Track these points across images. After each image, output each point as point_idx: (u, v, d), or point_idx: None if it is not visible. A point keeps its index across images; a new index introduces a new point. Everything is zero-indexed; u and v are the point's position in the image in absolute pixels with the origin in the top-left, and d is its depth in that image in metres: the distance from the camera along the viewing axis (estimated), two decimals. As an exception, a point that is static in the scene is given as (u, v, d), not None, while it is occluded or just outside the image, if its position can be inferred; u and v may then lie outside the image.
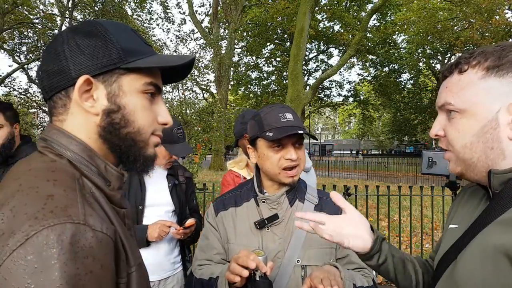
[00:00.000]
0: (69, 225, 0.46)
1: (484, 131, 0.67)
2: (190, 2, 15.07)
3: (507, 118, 0.66)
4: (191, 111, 12.14)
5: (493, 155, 0.68)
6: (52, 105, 0.63)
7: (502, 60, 0.66)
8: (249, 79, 24.15)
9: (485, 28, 13.63)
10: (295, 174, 1.15)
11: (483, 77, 0.68)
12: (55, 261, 0.43)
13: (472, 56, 0.70)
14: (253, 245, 1.15)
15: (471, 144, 0.69)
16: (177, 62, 0.64)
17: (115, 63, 0.61)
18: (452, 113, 0.72)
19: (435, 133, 0.76)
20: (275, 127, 1.12)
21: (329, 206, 1.20)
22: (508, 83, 0.66)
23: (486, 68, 0.68)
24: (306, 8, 8.64)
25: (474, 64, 0.69)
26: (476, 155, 0.69)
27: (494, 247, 0.62)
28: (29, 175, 0.54)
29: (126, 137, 0.64)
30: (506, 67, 0.66)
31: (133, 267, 0.59)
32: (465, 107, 0.69)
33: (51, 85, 0.62)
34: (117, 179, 0.65)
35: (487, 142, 0.68)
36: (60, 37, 0.63)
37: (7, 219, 0.46)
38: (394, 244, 5.10)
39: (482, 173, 0.70)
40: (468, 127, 0.69)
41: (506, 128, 0.66)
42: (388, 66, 25.29)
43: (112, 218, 0.58)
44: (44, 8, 14.40)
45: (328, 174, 18.17)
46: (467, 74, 0.70)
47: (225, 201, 1.28)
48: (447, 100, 0.72)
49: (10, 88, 15.89)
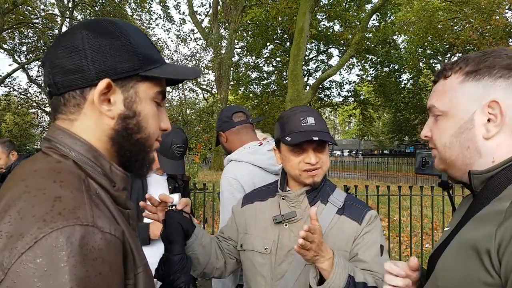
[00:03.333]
0: (78, 227, 0.46)
1: (461, 132, 0.72)
2: (190, 2, 15.05)
3: (482, 118, 0.70)
4: (191, 111, 12.14)
5: (470, 154, 0.72)
6: (61, 102, 0.61)
7: (480, 65, 0.71)
8: (249, 79, 24.12)
9: (485, 28, 13.63)
10: (316, 174, 1.18)
11: (462, 81, 0.73)
12: (65, 263, 0.43)
13: (456, 62, 0.76)
14: (269, 238, 1.21)
15: (450, 143, 0.75)
16: (191, 76, 0.66)
17: (135, 69, 0.61)
18: (437, 116, 0.77)
19: (424, 134, 0.82)
20: (295, 132, 1.15)
21: (350, 211, 1.21)
22: (484, 86, 0.70)
23: (465, 73, 0.73)
24: (306, 8, 8.63)
25: (456, 70, 0.75)
26: (455, 153, 0.74)
27: (466, 242, 0.66)
28: (35, 176, 0.54)
29: (136, 143, 0.65)
30: (482, 72, 0.70)
31: (140, 268, 0.59)
32: (446, 109, 0.75)
33: (65, 83, 0.60)
34: (122, 180, 0.66)
35: (463, 141, 0.72)
36: (79, 34, 0.60)
37: (15, 221, 0.46)
38: (394, 244, 5.10)
39: (462, 171, 0.75)
40: (448, 128, 0.75)
41: (481, 128, 0.70)
42: (388, 66, 25.26)
43: (118, 219, 0.59)
44: (44, 8, 14.38)
45: (328, 174, 18.11)
46: (450, 79, 0.75)
47: (253, 195, 1.35)
48: (432, 103, 0.78)
49: (10, 88, 15.87)
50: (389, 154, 43.49)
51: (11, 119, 18.32)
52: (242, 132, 1.76)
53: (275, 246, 1.19)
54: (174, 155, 1.79)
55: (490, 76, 0.70)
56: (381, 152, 44.01)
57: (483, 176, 0.70)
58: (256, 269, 1.22)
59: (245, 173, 1.61)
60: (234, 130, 1.76)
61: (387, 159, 22.57)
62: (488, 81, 0.70)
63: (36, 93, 16.92)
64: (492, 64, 0.70)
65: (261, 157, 1.65)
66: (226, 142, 1.79)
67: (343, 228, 1.18)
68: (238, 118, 1.77)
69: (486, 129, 0.69)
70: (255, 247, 1.23)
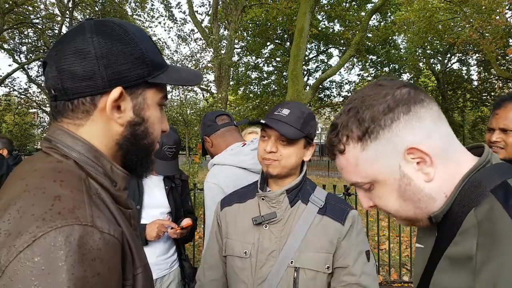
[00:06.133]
0: (77, 226, 0.46)
1: (403, 190, 0.65)
2: (190, 2, 15.04)
3: (412, 166, 0.63)
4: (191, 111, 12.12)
5: (424, 204, 0.66)
6: (69, 108, 0.60)
7: (364, 124, 0.64)
8: (249, 79, 24.12)
9: (485, 28, 13.63)
10: (270, 164, 1.16)
11: (362, 148, 0.66)
12: (63, 263, 0.43)
13: (338, 134, 0.68)
14: (249, 241, 1.17)
15: (400, 206, 0.68)
16: (195, 82, 0.67)
17: (144, 76, 0.62)
18: (368, 187, 0.70)
19: (367, 208, 0.74)
20: (266, 117, 1.17)
21: (332, 211, 1.18)
22: (386, 140, 0.63)
23: (358, 140, 0.65)
24: (306, 8, 8.63)
25: (345, 141, 0.67)
26: (411, 211, 0.68)
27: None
28: (35, 175, 0.54)
29: (143, 147, 0.66)
30: (372, 128, 0.63)
31: (139, 269, 0.59)
32: (371, 180, 0.68)
33: (76, 89, 0.58)
34: (123, 180, 0.66)
35: (411, 198, 0.66)
36: (89, 38, 0.58)
37: (14, 219, 0.46)
38: (394, 244, 5.10)
39: (425, 219, 0.69)
40: (387, 194, 0.68)
41: (418, 176, 0.64)
42: (388, 66, 25.26)
43: (118, 219, 0.58)
44: (44, 8, 14.38)
45: (328, 174, 18.16)
46: (348, 152, 0.68)
47: (232, 197, 1.31)
48: (353, 180, 0.71)
49: (10, 88, 15.86)
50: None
51: (11, 119, 18.33)
52: (226, 134, 1.71)
53: (254, 249, 1.16)
54: (166, 156, 1.79)
55: (382, 128, 0.63)
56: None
57: (441, 213, 0.66)
58: (237, 275, 1.18)
59: (227, 176, 1.55)
60: (219, 133, 1.71)
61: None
62: (386, 134, 0.63)
63: (36, 93, 16.91)
64: (374, 117, 0.63)
65: (244, 157, 1.59)
66: (212, 147, 1.73)
67: (326, 228, 1.15)
68: (221, 121, 1.73)
69: (424, 173, 0.63)
70: (234, 252, 1.20)
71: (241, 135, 1.80)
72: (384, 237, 5.49)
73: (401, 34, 19.30)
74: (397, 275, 4.15)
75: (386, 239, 5.01)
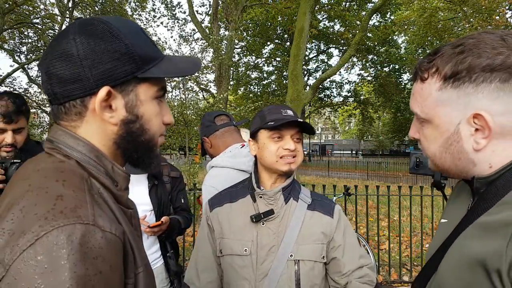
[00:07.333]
0: (79, 225, 0.47)
1: (449, 143, 0.68)
2: (190, 2, 15.03)
3: (469, 129, 0.64)
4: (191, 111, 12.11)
5: (463, 164, 0.68)
6: (63, 111, 0.61)
7: (458, 67, 0.63)
8: (249, 79, 24.12)
9: (485, 28, 13.63)
10: (293, 161, 1.21)
11: (440, 88, 0.66)
12: (65, 261, 0.44)
13: (432, 61, 0.68)
14: (248, 239, 1.20)
15: (440, 153, 0.70)
16: (192, 71, 0.65)
17: (133, 72, 0.60)
18: (422, 121, 0.72)
19: (412, 135, 0.77)
20: (276, 119, 1.19)
21: (321, 206, 1.27)
22: (465, 94, 0.63)
23: (443, 78, 0.66)
24: (306, 8, 8.62)
25: (433, 72, 0.68)
26: (447, 164, 0.70)
27: (471, 256, 0.61)
28: (38, 175, 0.55)
29: (141, 144, 0.65)
30: (462, 76, 0.63)
31: (140, 268, 0.60)
32: (428, 118, 0.70)
33: (64, 93, 0.59)
34: (124, 179, 0.66)
35: (453, 154, 0.68)
36: (72, 40, 0.58)
37: (17, 219, 0.47)
38: (394, 244, 5.11)
39: (458, 175, 0.71)
40: (434, 138, 0.70)
41: (469, 140, 0.65)
42: (388, 66, 25.27)
43: (119, 218, 0.59)
44: (44, 8, 14.38)
45: (328, 174, 18.18)
46: (428, 83, 0.69)
47: (220, 198, 1.33)
48: (413, 109, 0.73)
49: (10, 88, 15.86)
50: (389, 154, 43.51)
51: (11, 119, 18.28)
52: (226, 134, 1.70)
53: (254, 246, 1.19)
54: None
55: (471, 81, 0.62)
56: (381, 152, 44.03)
57: (487, 179, 0.66)
58: (238, 273, 1.20)
59: (225, 179, 1.54)
60: (218, 133, 1.70)
61: (387, 159, 22.59)
62: (469, 88, 0.63)
63: (36, 93, 16.92)
64: (472, 66, 0.62)
65: (242, 159, 1.58)
66: (211, 148, 1.73)
67: (318, 222, 1.24)
68: (220, 121, 1.72)
69: (475, 141, 0.64)
70: (234, 250, 1.21)
71: (240, 135, 1.80)
72: (384, 237, 5.50)
73: (401, 34, 19.28)
74: (397, 275, 4.15)
75: (386, 239, 5.02)
